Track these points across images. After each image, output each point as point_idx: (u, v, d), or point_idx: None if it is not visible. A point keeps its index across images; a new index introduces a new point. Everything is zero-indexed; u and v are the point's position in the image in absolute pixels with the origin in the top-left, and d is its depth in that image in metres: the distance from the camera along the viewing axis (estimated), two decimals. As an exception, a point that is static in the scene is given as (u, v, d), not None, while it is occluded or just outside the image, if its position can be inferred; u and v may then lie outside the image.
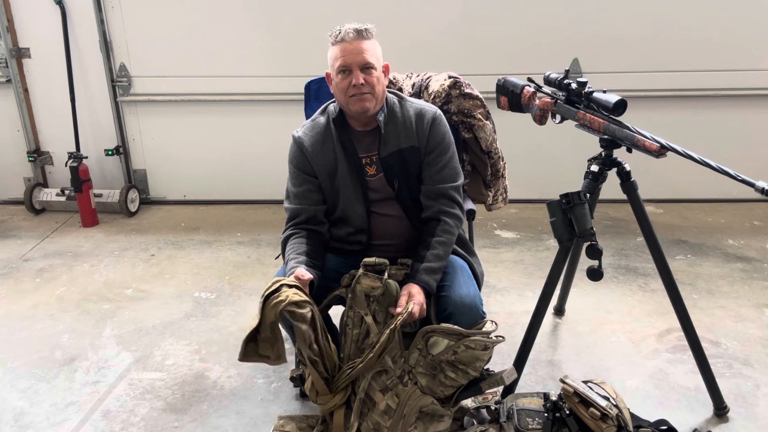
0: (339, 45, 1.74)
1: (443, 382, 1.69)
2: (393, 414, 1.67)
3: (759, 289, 2.78)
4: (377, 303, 1.69)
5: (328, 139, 1.84)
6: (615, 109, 1.72)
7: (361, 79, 1.72)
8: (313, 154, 1.84)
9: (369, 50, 1.74)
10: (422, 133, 1.84)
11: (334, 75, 1.77)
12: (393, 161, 1.83)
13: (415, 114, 1.85)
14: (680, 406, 2.05)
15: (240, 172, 3.91)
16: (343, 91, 1.75)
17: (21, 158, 3.93)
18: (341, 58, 1.73)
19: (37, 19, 3.65)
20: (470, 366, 1.67)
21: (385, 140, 1.83)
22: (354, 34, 1.73)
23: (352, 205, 1.85)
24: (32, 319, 2.67)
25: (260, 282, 2.95)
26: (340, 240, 1.91)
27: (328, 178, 1.85)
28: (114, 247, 3.39)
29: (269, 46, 3.62)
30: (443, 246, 1.81)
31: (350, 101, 1.76)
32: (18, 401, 2.14)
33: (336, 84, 1.77)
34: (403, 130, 1.83)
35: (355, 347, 1.73)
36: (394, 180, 1.84)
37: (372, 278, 1.68)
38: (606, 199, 2.31)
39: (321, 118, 1.88)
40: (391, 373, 1.68)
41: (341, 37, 1.74)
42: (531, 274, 2.97)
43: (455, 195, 1.87)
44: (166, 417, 2.05)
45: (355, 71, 1.73)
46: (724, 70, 3.55)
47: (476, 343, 1.63)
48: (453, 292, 1.75)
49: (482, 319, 1.74)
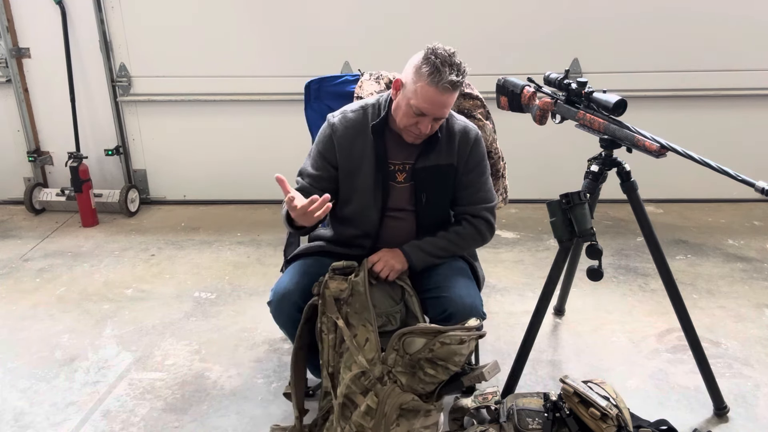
0: (431, 89, 1.62)
1: (423, 379, 1.68)
2: (374, 414, 1.66)
3: (759, 289, 2.78)
4: (347, 305, 1.69)
5: (361, 135, 1.79)
6: (615, 109, 1.72)
7: (428, 128, 1.69)
8: (341, 147, 1.80)
9: (453, 103, 1.69)
10: (463, 153, 1.82)
11: (405, 103, 1.67)
12: (426, 175, 1.80)
13: (459, 132, 1.82)
14: (680, 406, 2.05)
15: (240, 172, 3.91)
16: (407, 125, 1.70)
17: (21, 158, 3.93)
18: (424, 104, 1.64)
19: (37, 19, 3.65)
20: (449, 361, 1.65)
21: (425, 153, 1.79)
22: (450, 87, 1.62)
23: (366, 208, 1.83)
24: (32, 319, 2.67)
25: (260, 282, 2.95)
26: (343, 243, 1.90)
27: (349, 174, 1.82)
28: (114, 247, 3.39)
29: (269, 46, 3.62)
30: (445, 240, 1.82)
31: (407, 133, 1.73)
32: (18, 401, 2.14)
33: (404, 110, 1.69)
34: (446, 146, 1.81)
35: (332, 352, 1.73)
36: (422, 193, 1.82)
37: (338, 280, 1.68)
38: (606, 199, 2.31)
39: (360, 113, 1.82)
40: (368, 374, 1.68)
41: (439, 84, 1.61)
42: (531, 274, 2.97)
43: (488, 215, 1.87)
44: (166, 417, 2.05)
45: (428, 119, 1.67)
46: (724, 70, 3.55)
47: (451, 338, 1.62)
48: (453, 293, 1.74)
49: (483, 320, 1.73)
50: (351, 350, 1.68)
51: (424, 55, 1.64)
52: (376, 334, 1.67)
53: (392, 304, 1.76)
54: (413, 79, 1.65)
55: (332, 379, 1.75)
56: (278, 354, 2.38)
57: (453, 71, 1.62)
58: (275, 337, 2.47)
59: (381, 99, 1.83)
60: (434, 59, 1.61)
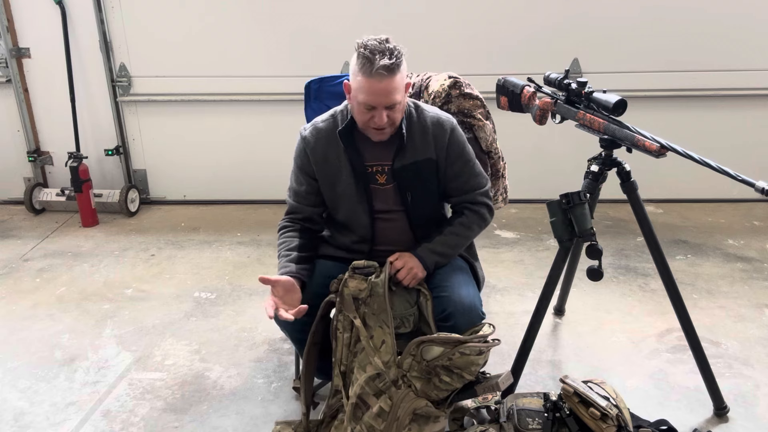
0: (367, 80, 1.61)
1: (438, 386, 1.68)
2: (386, 417, 1.66)
3: (759, 289, 2.78)
4: (365, 306, 1.69)
5: (332, 144, 1.79)
6: (615, 109, 1.72)
7: (384, 119, 1.66)
8: (316, 158, 1.80)
9: (397, 87, 1.64)
10: (441, 144, 1.79)
11: (356, 102, 1.68)
12: (407, 173, 1.78)
13: (432, 124, 1.79)
14: (680, 406, 2.05)
15: (240, 172, 3.91)
16: (364, 122, 1.70)
17: (21, 158, 3.93)
18: (368, 96, 1.63)
19: (37, 19, 3.65)
20: (465, 370, 1.66)
21: (401, 151, 1.77)
22: (386, 72, 1.60)
23: (355, 213, 1.83)
24: (32, 319, 2.67)
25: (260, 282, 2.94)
26: (345, 248, 1.89)
27: (330, 184, 1.82)
28: (114, 247, 3.39)
29: (269, 46, 3.62)
30: (455, 236, 1.82)
31: (369, 131, 1.72)
32: (18, 401, 2.14)
33: (357, 109, 1.69)
34: (421, 142, 1.78)
35: (346, 351, 1.73)
36: (407, 193, 1.80)
37: (358, 279, 1.68)
38: (606, 199, 2.31)
39: (330, 121, 1.82)
40: (383, 377, 1.68)
41: (372, 72, 1.60)
42: (531, 274, 2.97)
43: (486, 200, 1.87)
44: (166, 417, 2.05)
45: (379, 110, 1.65)
46: (724, 70, 3.55)
47: (471, 350, 1.62)
48: (452, 292, 1.74)
49: (481, 320, 1.73)
50: (367, 351, 1.67)
51: (356, 52, 1.66)
52: (392, 336, 1.67)
53: (407, 306, 1.76)
54: (353, 77, 1.67)
55: (344, 378, 1.75)
56: (278, 354, 2.38)
57: (384, 56, 1.60)
58: (275, 337, 2.47)
59: (348, 104, 1.81)
60: (364, 51, 1.62)
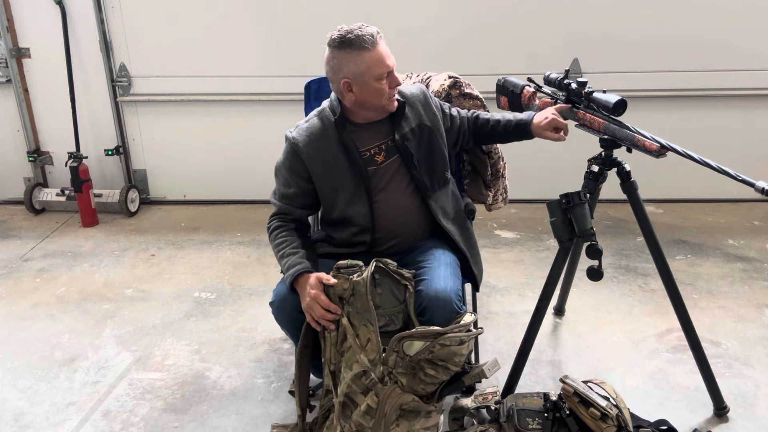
0: (370, 52, 1.69)
1: (423, 380, 1.68)
2: (374, 414, 1.67)
3: (759, 289, 2.78)
4: (349, 305, 1.69)
5: (324, 138, 1.82)
6: (615, 109, 1.72)
7: (399, 79, 1.77)
8: (308, 155, 1.82)
9: (388, 51, 1.75)
10: (428, 109, 1.91)
11: (369, 82, 1.72)
12: (411, 136, 1.86)
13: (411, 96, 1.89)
14: (680, 406, 2.05)
15: (240, 172, 3.91)
16: (383, 94, 1.76)
17: (21, 158, 3.93)
18: (380, 63, 1.71)
19: (37, 19, 3.65)
20: (449, 362, 1.66)
21: (398, 124, 1.85)
22: (377, 38, 1.71)
23: (353, 203, 1.84)
24: (32, 319, 2.67)
25: (260, 282, 2.95)
26: (344, 243, 1.90)
27: (325, 177, 1.83)
28: (114, 247, 3.39)
29: (269, 45, 3.62)
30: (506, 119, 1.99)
31: (387, 103, 1.79)
32: (18, 401, 2.14)
33: (374, 87, 1.74)
34: (411, 113, 1.88)
35: (334, 350, 1.73)
36: (412, 158, 1.85)
37: (341, 279, 1.68)
38: (606, 199, 2.31)
39: (315, 120, 1.86)
40: (369, 374, 1.68)
41: (369, 42, 1.69)
42: (531, 274, 2.97)
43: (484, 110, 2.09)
44: (166, 417, 2.05)
45: (393, 73, 1.75)
46: (724, 70, 3.55)
47: (451, 340, 1.62)
48: (428, 287, 1.73)
49: (457, 313, 1.72)
50: (353, 349, 1.68)
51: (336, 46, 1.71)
52: (377, 334, 1.67)
53: (396, 304, 1.76)
54: (352, 65, 1.71)
55: (333, 377, 1.75)
56: (278, 354, 2.38)
57: (361, 30, 1.69)
58: (275, 337, 2.48)
59: (331, 101, 1.87)
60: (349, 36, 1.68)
